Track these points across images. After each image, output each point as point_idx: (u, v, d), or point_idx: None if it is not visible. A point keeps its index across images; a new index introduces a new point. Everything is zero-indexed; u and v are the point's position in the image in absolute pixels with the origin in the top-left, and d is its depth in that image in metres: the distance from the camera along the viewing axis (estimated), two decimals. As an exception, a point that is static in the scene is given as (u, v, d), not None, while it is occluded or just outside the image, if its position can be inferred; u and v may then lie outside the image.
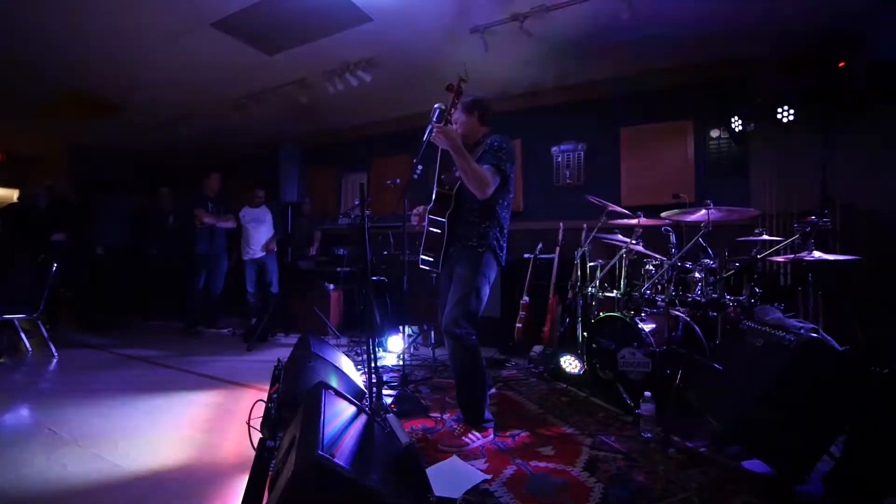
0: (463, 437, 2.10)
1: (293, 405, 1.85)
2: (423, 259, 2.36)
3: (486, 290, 2.19)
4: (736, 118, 3.73)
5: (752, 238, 2.66)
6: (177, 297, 5.29)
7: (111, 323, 5.16)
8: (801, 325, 1.87)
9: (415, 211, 2.43)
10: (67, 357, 3.75)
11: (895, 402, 1.55)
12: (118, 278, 5.47)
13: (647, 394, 2.27)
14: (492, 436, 2.18)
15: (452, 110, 2.16)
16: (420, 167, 2.33)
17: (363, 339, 4.26)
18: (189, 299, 4.94)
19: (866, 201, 3.34)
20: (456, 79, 2.20)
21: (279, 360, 2.64)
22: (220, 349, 4.24)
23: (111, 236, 5.37)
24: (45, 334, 3.77)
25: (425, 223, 2.35)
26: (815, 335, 1.72)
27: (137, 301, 5.83)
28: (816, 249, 2.30)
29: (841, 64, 3.11)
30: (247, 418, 1.89)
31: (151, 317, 5.76)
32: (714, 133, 4.13)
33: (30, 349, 3.83)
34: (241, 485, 1.71)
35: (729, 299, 2.57)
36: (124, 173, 7.28)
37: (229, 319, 5.29)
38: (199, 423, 2.40)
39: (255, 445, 1.75)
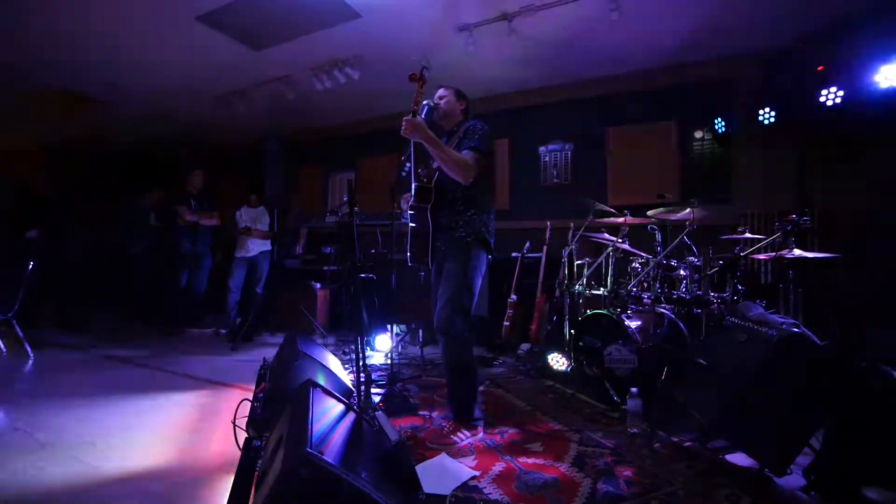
0: (452, 435, 2.10)
1: (280, 404, 1.83)
2: (410, 256, 2.35)
3: (478, 283, 2.18)
4: (719, 120, 3.80)
5: (735, 236, 2.71)
6: (159, 296, 5.18)
7: (90, 323, 5.02)
8: (783, 320, 1.91)
9: (404, 197, 2.42)
10: (44, 358, 3.64)
11: (872, 395, 1.59)
12: (98, 277, 5.33)
13: (634, 390, 2.29)
14: (481, 433, 2.17)
15: (419, 98, 2.16)
16: (408, 165, 2.33)
17: (351, 339, 4.23)
18: (171, 298, 4.83)
19: (843, 201, 3.43)
20: (418, 68, 2.20)
21: (265, 360, 2.60)
22: (204, 349, 4.16)
23: (90, 234, 5.24)
24: (21, 334, 3.65)
25: (407, 219, 2.34)
26: (796, 330, 1.76)
27: (118, 300, 5.69)
28: (796, 247, 2.36)
29: (820, 68, 3.19)
30: (232, 418, 1.86)
31: (132, 317, 5.63)
32: (697, 134, 4.20)
33: (3, 350, 3.70)
34: (225, 485, 1.67)
35: (713, 296, 2.61)
36: (105, 171, 7.09)
37: (213, 319, 5.20)
38: (182, 424, 2.34)
39: (241, 445, 1.72)
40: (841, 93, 3.15)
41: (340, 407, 1.59)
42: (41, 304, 5.04)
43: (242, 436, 1.79)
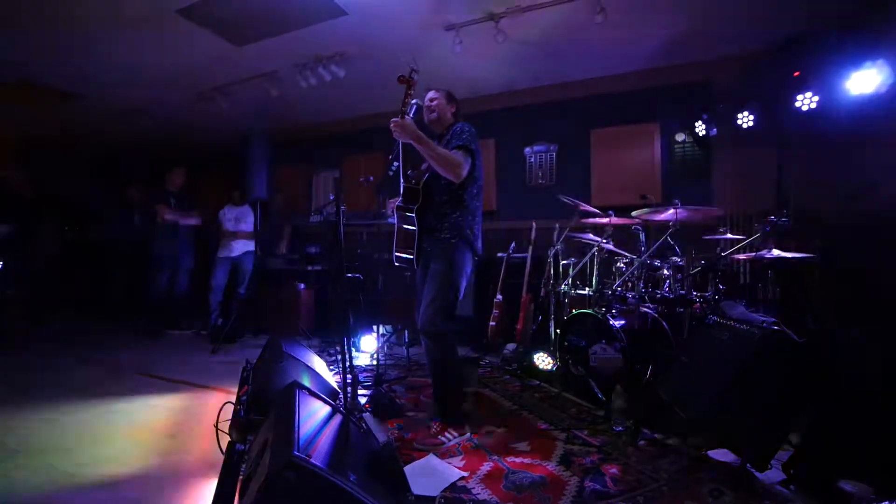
0: (439, 436, 2.09)
1: (263, 407, 1.79)
2: (397, 256, 2.33)
3: (463, 283, 2.18)
4: (699, 122, 3.88)
5: (717, 237, 2.77)
6: (138, 296, 5.04)
7: (65, 324, 4.86)
8: (764, 318, 1.96)
9: (390, 201, 2.42)
10: (14, 360, 3.50)
11: (848, 391, 1.64)
12: (74, 276, 5.16)
13: (619, 388, 2.32)
14: (468, 433, 2.17)
15: (407, 100, 2.16)
16: (396, 164, 2.31)
17: (335, 340, 4.18)
18: (149, 298, 4.71)
19: (817, 203, 3.54)
20: (407, 70, 2.19)
21: (248, 361, 2.55)
22: (184, 351, 4.06)
23: (65, 232, 5.07)
24: (-12, 337, 3.51)
25: (395, 220, 2.34)
26: (776, 328, 1.81)
27: (95, 301, 5.51)
28: (775, 248, 2.42)
29: (796, 73, 3.29)
30: (214, 421, 1.81)
31: (110, 318, 5.46)
32: (679, 137, 4.28)
33: (-30, 353, 3.56)
34: (208, 491, 1.64)
35: (695, 295, 2.67)
36: (82, 167, 6.86)
37: (193, 320, 5.08)
38: (162, 428, 2.28)
39: (224, 449, 1.68)
40: (816, 98, 3.25)
41: (327, 409, 1.56)
42: (12, 304, 4.86)
43: (225, 439, 1.75)
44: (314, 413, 1.45)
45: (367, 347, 3.86)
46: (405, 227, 2.28)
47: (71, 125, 6.01)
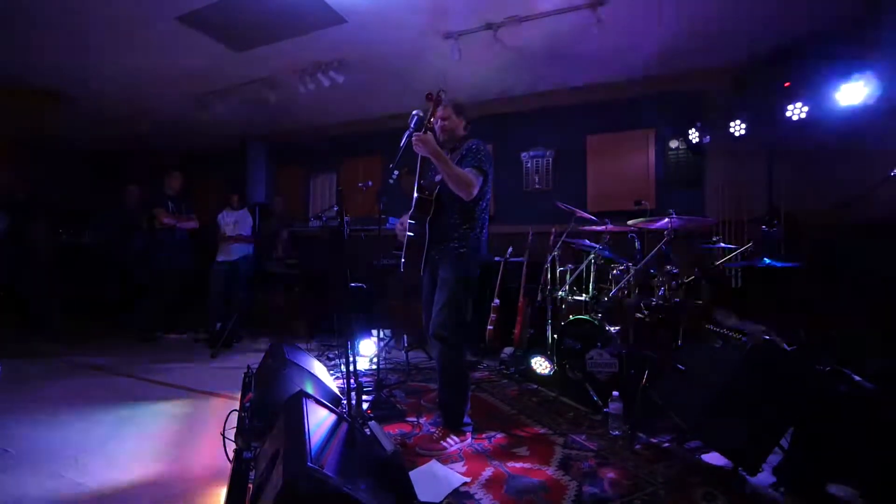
0: (441, 441, 2.13)
1: (268, 414, 1.83)
2: (404, 263, 2.38)
3: (470, 291, 2.24)
4: (693, 130, 3.96)
5: (710, 246, 2.84)
6: (134, 300, 5.02)
7: (60, 328, 4.83)
8: (755, 327, 2.03)
9: (400, 221, 2.45)
10: (12, 366, 3.47)
11: (836, 398, 1.70)
12: (69, 280, 5.13)
13: (615, 393, 2.38)
14: (469, 439, 2.22)
15: (431, 119, 2.21)
16: (396, 172, 2.35)
17: (334, 343, 4.21)
18: (146, 302, 4.71)
19: (806, 211, 3.62)
20: (436, 90, 2.25)
21: (249, 367, 2.58)
22: (183, 355, 4.06)
23: (60, 235, 5.04)
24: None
25: (406, 228, 2.38)
26: (767, 337, 1.87)
27: (90, 304, 5.48)
28: (766, 257, 2.49)
29: (787, 84, 3.36)
30: (218, 428, 1.85)
31: (106, 322, 5.43)
32: (673, 144, 4.35)
33: (-33, 359, 3.54)
34: (216, 499, 1.67)
35: (689, 303, 2.73)
36: (78, 170, 6.81)
37: (190, 324, 5.08)
38: (165, 435, 2.30)
39: (230, 457, 1.71)
40: (806, 108, 3.32)
41: (333, 417, 1.60)
42: (6, 308, 4.83)
43: (231, 447, 1.78)
44: (322, 422, 1.49)
45: (366, 351, 3.89)
46: (415, 235, 2.33)
47: (69, 128, 5.97)
